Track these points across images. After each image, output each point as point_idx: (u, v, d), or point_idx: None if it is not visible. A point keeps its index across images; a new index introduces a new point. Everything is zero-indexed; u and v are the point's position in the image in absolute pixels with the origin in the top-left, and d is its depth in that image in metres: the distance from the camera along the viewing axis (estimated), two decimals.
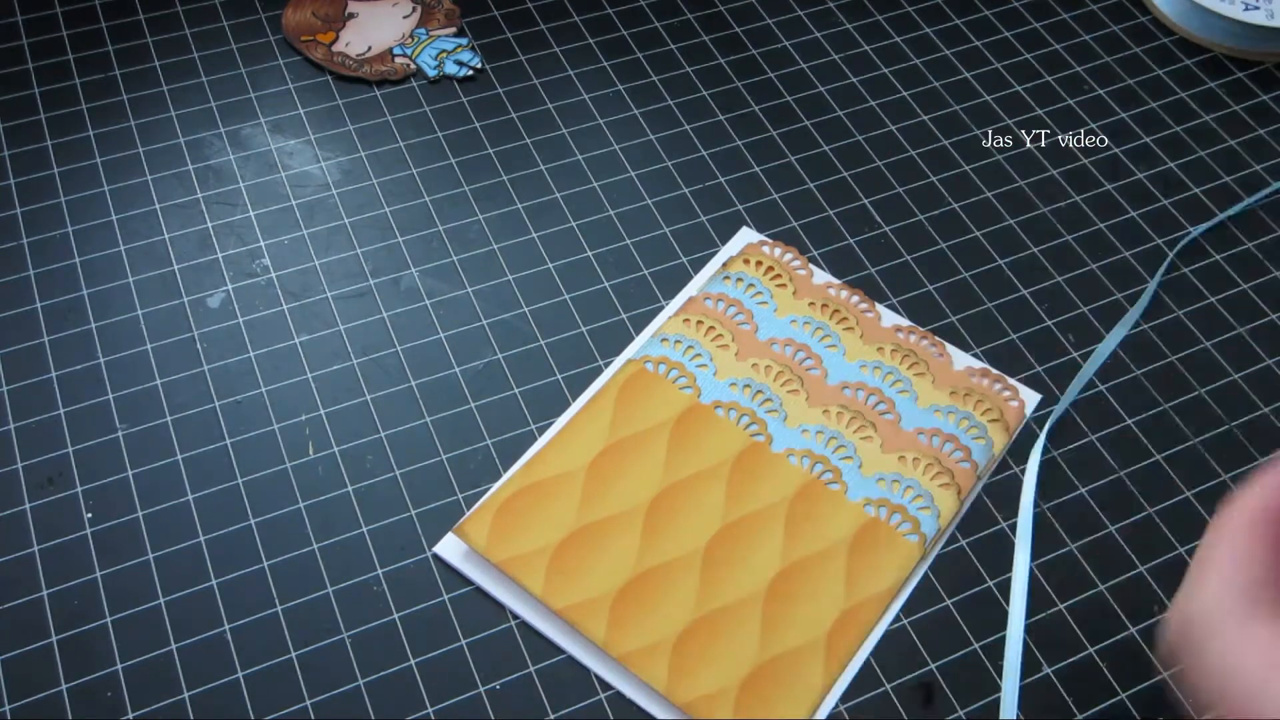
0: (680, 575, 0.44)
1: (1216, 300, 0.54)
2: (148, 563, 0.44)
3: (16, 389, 0.48)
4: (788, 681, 0.42)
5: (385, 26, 0.62)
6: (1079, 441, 0.49)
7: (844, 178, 0.57)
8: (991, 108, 0.61)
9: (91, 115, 0.57)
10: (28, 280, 0.51)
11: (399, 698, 0.42)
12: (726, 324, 0.51)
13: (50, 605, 0.43)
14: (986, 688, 0.43)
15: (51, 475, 0.46)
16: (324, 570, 0.44)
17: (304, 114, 0.58)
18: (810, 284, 0.53)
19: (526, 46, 0.62)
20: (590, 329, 0.51)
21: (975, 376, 0.50)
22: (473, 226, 0.54)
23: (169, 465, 0.46)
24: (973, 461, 0.48)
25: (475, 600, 0.44)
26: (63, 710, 0.41)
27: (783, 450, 0.48)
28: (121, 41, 0.60)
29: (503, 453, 0.47)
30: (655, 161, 0.57)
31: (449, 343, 0.50)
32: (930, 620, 0.44)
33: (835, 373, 0.50)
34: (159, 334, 0.50)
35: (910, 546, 0.45)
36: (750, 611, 0.43)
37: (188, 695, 0.41)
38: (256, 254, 0.53)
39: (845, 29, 0.64)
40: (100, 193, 0.54)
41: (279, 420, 0.48)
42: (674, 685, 0.42)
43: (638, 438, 0.47)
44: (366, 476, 0.46)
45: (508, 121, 0.58)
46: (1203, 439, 0.50)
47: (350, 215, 0.54)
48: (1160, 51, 0.64)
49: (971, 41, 0.64)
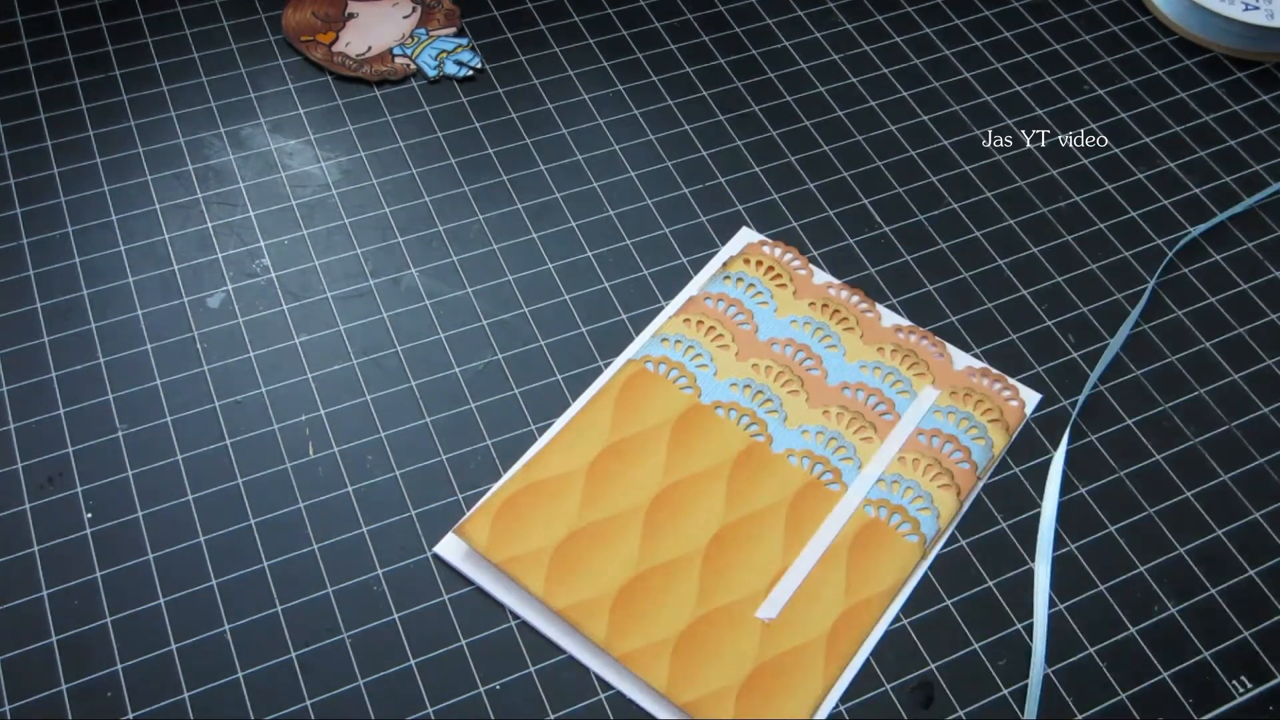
0: (681, 575, 0.44)
1: (1216, 300, 0.54)
2: (148, 563, 0.44)
3: (16, 389, 0.48)
4: (788, 681, 0.42)
5: (385, 27, 0.62)
6: (1079, 441, 0.49)
7: (844, 178, 0.57)
8: (991, 108, 0.61)
9: (91, 115, 0.57)
10: (28, 280, 0.51)
11: (399, 698, 0.42)
12: (727, 324, 0.51)
13: (50, 605, 0.43)
14: (986, 688, 0.43)
15: (51, 475, 0.46)
16: (324, 570, 0.44)
17: (304, 114, 0.58)
18: (810, 284, 0.53)
19: (526, 46, 0.62)
20: (590, 329, 0.51)
21: (975, 376, 0.50)
22: (473, 226, 0.54)
23: (169, 465, 0.46)
24: (972, 462, 0.48)
25: (475, 600, 0.44)
26: (63, 710, 0.41)
27: (783, 450, 0.48)
28: (121, 41, 0.60)
29: (503, 453, 0.47)
30: (655, 161, 0.57)
31: (449, 343, 0.50)
32: (930, 620, 0.44)
33: (835, 373, 0.50)
34: (159, 334, 0.50)
35: (910, 547, 0.45)
36: (751, 611, 0.43)
37: (188, 695, 0.41)
38: (256, 254, 0.53)
39: (845, 29, 0.64)
40: (100, 193, 0.54)
41: (279, 420, 0.48)
42: (674, 685, 0.42)
43: (638, 438, 0.47)
44: (366, 476, 0.46)
45: (508, 121, 0.58)
46: (1203, 439, 0.50)
47: (350, 215, 0.54)
48: (1160, 51, 0.64)
49: (971, 41, 0.64)
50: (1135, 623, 0.45)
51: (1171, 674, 0.44)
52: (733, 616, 0.43)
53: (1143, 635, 0.45)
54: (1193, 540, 0.47)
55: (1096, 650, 0.44)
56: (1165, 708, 0.43)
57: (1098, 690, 0.43)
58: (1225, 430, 0.50)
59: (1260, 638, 0.45)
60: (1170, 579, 0.46)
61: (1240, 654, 0.44)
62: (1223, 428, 0.50)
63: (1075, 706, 0.43)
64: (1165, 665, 0.44)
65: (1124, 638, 0.44)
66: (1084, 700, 0.43)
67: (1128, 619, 0.45)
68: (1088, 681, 0.43)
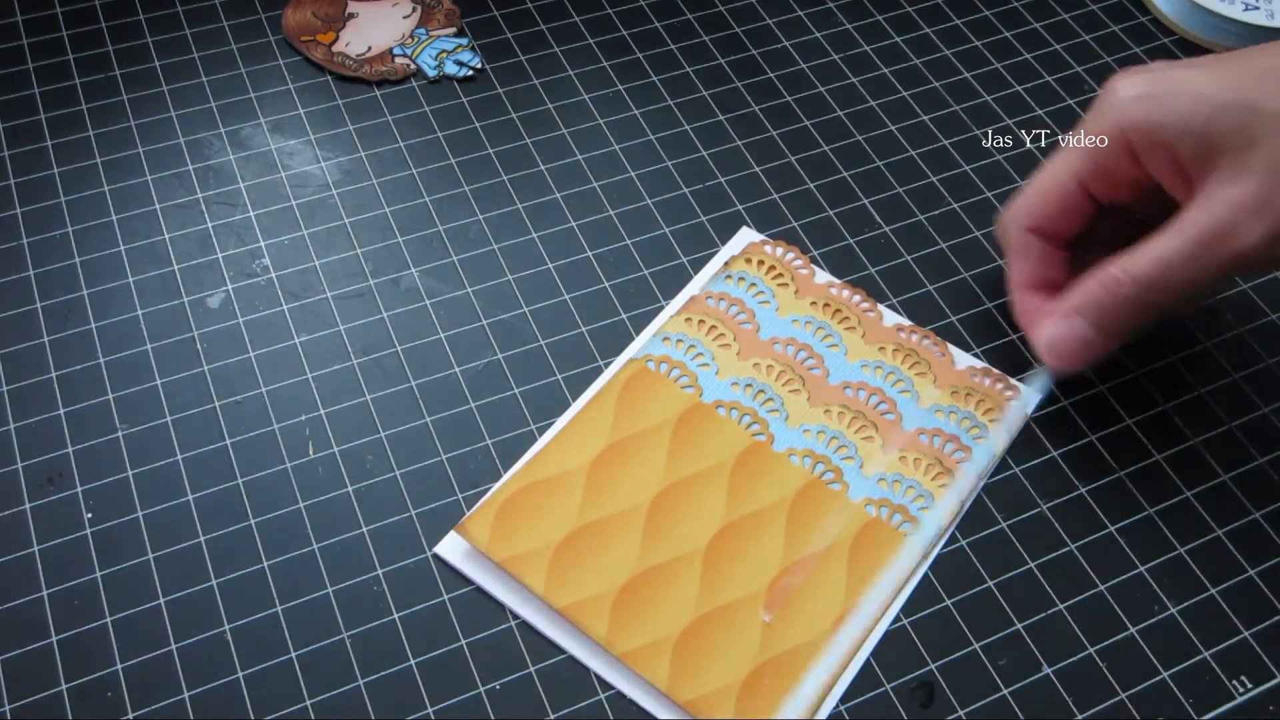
0: (682, 574, 0.44)
1: (1216, 300, 0.54)
2: (148, 563, 0.44)
3: (16, 389, 0.48)
4: (789, 681, 0.42)
5: (385, 26, 0.62)
6: (1079, 441, 0.49)
7: (844, 178, 0.57)
8: (991, 108, 0.61)
9: (91, 115, 0.57)
10: (28, 280, 0.51)
11: (399, 698, 0.42)
12: (728, 323, 0.51)
13: (50, 605, 0.43)
14: (986, 688, 0.43)
15: (51, 475, 0.46)
16: (324, 570, 0.44)
17: (304, 114, 0.58)
18: (812, 283, 0.53)
19: (526, 46, 0.62)
20: (590, 329, 0.51)
21: (977, 376, 0.50)
22: (473, 226, 0.54)
23: (169, 465, 0.46)
24: (974, 462, 0.48)
25: (475, 600, 0.44)
26: (63, 710, 0.41)
27: (784, 450, 0.48)
28: (121, 41, 0.60)
29: (503, 453, 0.47)
30: (655, 161, 0.57)
31: (449, 343, 0.50)
32: (930, 620, 0.44)
33: (837, 372, 0.50)
34: (159, 334, 0.50)
35: (911, 546, 0.45)
36: (752, 610, 0.43)
37: (188, 695, 0.41)
38: (256, 254, 0.53)
39: (845, 29, 0.64)
40: (100, 193, 0.54)
41: (279, 420, 0.48)
42: (675, 683, 0.42)
43: (639, 437, 0.47)
44: (366, 476, 0.46)
45: (508, 121, 0.58)
46: (1203, 439, 0.50)
47: (350, 215, 0.54)
48: (1160, 52, 0.64)
49: (971, 41, 0.64)
50: (1135, 623, 0.45)
51: (1171, 674, 0.44)
52: (734, 615, 0.43)
53: (1143, 635, 0.45)
54: (1193, 540, 0.47)
55: (1096, 650, 0.44)
56: (1165, 708, 0.43)
57: (1098, 690, 0.43)
58: (1225, 430, 0.50)
59: (1260, 638, 0.45)
60: (1170, 579, 0.46)
61: (1240, 654, 0.44)
62: (1223, 428, 0.50)
63: (1075, 706, 0.43)
64: (1165, 665, 0.44)
65: (1124, 638, 0.44)
66: (1084, 700, 0.43)
67: (1127, 619, 0.45)
68: (1088, 681, 0.43)
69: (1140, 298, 0.45)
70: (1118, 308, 0.45)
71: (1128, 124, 0.45)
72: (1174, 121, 0.44)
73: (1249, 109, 0.43)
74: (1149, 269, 0.44)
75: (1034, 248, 0.49)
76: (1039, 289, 0.49)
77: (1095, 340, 0.46)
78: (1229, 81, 0.44)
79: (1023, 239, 0.49)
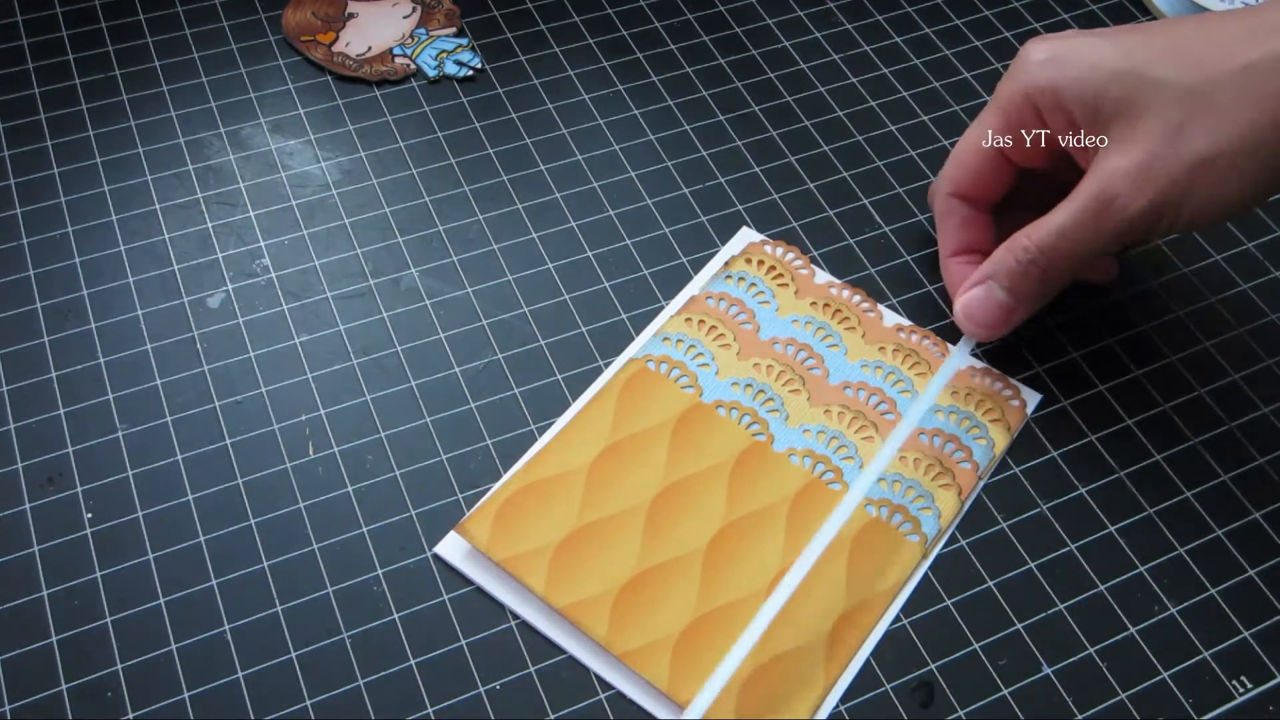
0: (682, 574, 0.44)
1: (1216, 300, 0.54)
2: (148, 563, 0.44)
3: (16, 389, 0.48)
4: (789, 681, 0.42)
5: (385, 26, 0.62)
6: (1079, 441, 0.49)
7: (844, 178, 0.57)
8: None
9: (91, 115, 0.57)
10: (28, 280, 0.51)
11: (399, 698, 0.42)
12: (728, 323, 0.51)
13: (50, 605, 0.43)
14: (986, 688, 0.43)
15: (51, 475, 0.46)
16: (324, 570, 0.44)
17: (304, 114, 0.58)
18: (812, 283, 0.53)
19: (526, 46, 0.62)
20: (590, 329, 0.51)
21: (977, 376, 0.50)
22: (473, 226, 0.54)
23: (169, 465, 0.46)
24: (974, 461, 0.48)
25: (475, 600, 0.44)
26: (63, 710, 0.41)
27: (784, 450, 0.48)
28: (121, 41, 0.60)
29: (503, 453, 0.47)
30: (655, 161, 0.57)
31: (449, 343, 0.50)
32: (930, 620, 0.44)
33: (837, 372, 0.50)
34: (159, 334, 0.50)
35: (911, 546, 0.45)
36: (752, 610, 0.43)
37: (188, 695, 0.41)
38: (256, 254, 0.53)
39: (845, 29, 0.64)
40: (100, 193, 0.54)
41: (279, 420, 0.48)
42: (675, 683, 0.42)
43: (639, 437, 0.47)
44: (366, 476, 0.46)
45: (508, 121, 0.58)
46: (1203, 439, 0.50)
47: (350, 215, 0.54)
48: None
49: (971, 41, 0.64)
50: (1135, 623, 0.45)
51: (1171, 674, 0.44)
52: (734, 615, 0.43)
53: (1142, 635, 0.45)
54: (1193, 540, 0.47)
55: (1096, 650, 0.44)
56: (1165, 708, 0.43)
57: (1098, 690, 0.43)
58: (1225, 430, 0.50)
59: (1260, 638, 0.45)
60: (1170, 579, 0.46)
61: (1240, 654, 0.44)
62: (1223, 427, 0.50)
63: (1075, 706, 0.43)
64: (1165, 665, 0.44)
65: (1124, 638, 0.44)
66: (1084, 700, 0.43)
67: (1127, 619, 0.45)
68: (1088, 681, 0.43)
69: (1044, 265, 0.45)
70: (1027, 275, 0.46)
71: (1033, 88, 0.46)
72: (1071, 87, 0.44)
73: (1139, 77, 0.43)
74: (1046, 238, 0.45)
75: (957, 212, 0.50)
76: (968, 254, 0.50)
77: (1008, 304, 0.47)
78: (1127, 50, 0.44)
79: (947, 203, 0.50)
